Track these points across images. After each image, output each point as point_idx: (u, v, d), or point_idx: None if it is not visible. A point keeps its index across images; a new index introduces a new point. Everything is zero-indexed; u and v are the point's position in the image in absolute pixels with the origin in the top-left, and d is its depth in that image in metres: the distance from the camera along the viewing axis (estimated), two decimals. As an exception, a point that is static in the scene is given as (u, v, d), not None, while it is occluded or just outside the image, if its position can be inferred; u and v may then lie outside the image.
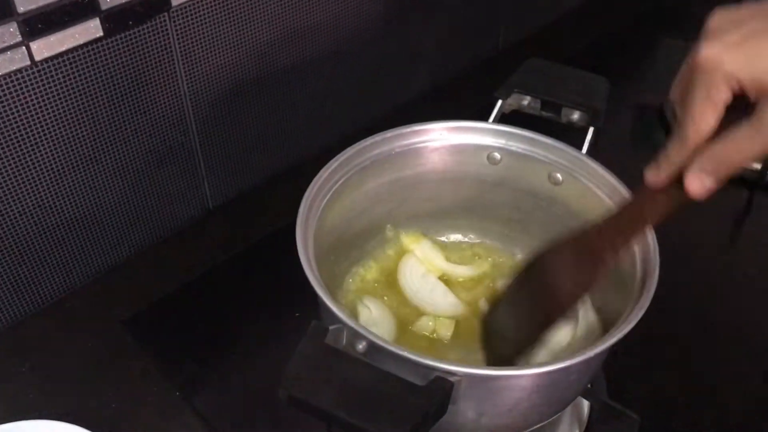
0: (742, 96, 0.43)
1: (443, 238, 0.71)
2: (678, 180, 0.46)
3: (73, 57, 0.64)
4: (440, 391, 0.43)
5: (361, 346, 0.48)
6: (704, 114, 0.43)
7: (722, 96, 0.43)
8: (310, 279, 0.50)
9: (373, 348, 0.47)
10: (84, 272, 0.76)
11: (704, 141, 0.44)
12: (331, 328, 0.47)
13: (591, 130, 0.63)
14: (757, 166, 0.89)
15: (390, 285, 0.67)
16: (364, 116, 0.93)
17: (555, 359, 0.52)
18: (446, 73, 1.04)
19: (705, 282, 0.79)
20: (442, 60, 1.02)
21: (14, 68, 0.61)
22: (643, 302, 0.50)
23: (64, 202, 0.71)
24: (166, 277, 0.77)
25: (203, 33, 0.72)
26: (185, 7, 0.69)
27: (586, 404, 0.65)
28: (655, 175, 0.47)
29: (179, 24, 0.70)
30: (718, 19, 0.43)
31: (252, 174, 0.87)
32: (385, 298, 0.66)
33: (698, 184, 0.45)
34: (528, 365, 0.52)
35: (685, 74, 0.45)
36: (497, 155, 0.65)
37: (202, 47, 0.73)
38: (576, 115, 0.64)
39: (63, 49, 0.63)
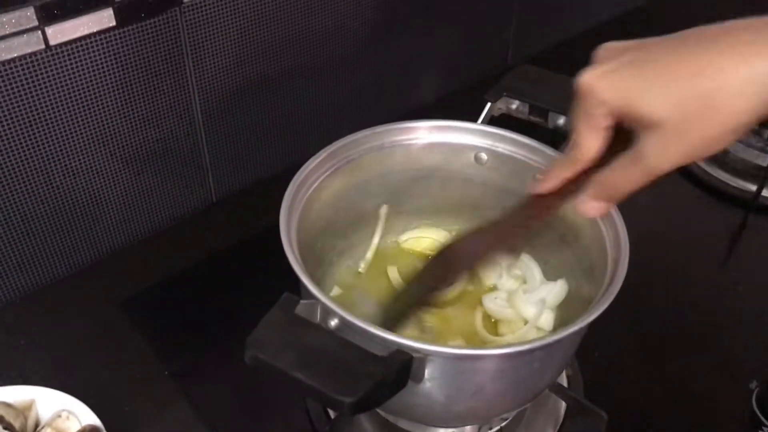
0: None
1: (431, 236, 0.73)
2: (562, 190, 0.49)
3: (86, 44, 0.67)
4: (399, 363, 0.45)
5: (333, 322, 0.50)
6: (587, 138, 0.45)
7: (601, 122, 0.44)
8: (288, 254, 0.52)
9: (345, 325, 0.49)
10: (87, 254, 0.79)
11: (592, 162, 0.47)
12: (303, 301, 0.49)
13: (575, 134, 0.65)
14: (753, 187, 0.89)
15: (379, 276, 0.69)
16: (365, 122, 0.95)
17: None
18: (449, 85, 1.06)
19: (696, 296, 0.80)
20: (446, 72, 1.05)
21: (29, 51, 0.64)
22: (611, 292, 0.50)
23: (72, 183, 0.74)
24: (166, 264, 0.80)
25: (212, 29, 0.76)
26: (196, 3, 0.73)
27: (563, 406, 0.66)
28: (542, 188, 0.50)
29: (190, 19, 0.73)
30: (605, 49, 0.45)
31: (256, 169, 0.90)
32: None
33: (588, 206, 0.48)
34: (490, 347, 0.53)
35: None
36: (484, 156, 0.66)
37: (211, 43, 0.76)
38: (562, 120, 0.66)
39: (76, 35, 0.66)
